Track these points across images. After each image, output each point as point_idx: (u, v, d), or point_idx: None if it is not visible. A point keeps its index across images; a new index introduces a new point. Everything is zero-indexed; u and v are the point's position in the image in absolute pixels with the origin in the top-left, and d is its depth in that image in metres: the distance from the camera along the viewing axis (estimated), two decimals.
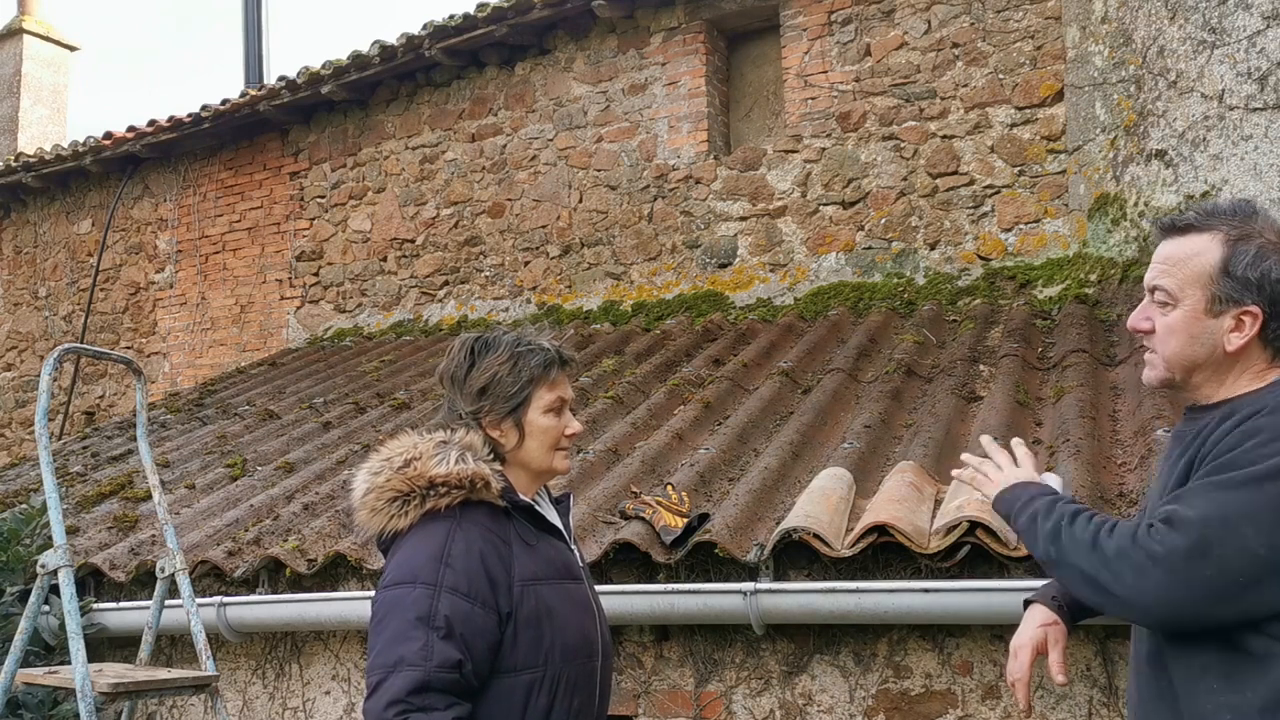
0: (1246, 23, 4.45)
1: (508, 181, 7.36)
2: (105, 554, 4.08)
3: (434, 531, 1.81)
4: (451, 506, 1.82)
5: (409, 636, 1.70)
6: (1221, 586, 1.47)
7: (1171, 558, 1.48)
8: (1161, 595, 1.49)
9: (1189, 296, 1.64)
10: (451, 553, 1.78)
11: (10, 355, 9.76)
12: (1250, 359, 1.63)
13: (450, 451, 1.85)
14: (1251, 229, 1.63)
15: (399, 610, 1.74)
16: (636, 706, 3.26)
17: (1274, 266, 1.59)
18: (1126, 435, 3.50)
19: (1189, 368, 1.66)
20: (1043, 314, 5.19)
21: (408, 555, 1.80)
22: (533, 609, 1.82)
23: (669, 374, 5.19)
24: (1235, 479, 1.49)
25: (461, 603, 1.74)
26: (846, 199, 6.23)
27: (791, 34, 6.50)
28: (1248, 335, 1.60)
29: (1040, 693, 2.78)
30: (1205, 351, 1.63)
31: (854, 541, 2.90)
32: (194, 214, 8.78)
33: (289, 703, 3.83)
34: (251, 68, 9.56)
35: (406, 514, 1.83)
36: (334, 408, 5.77)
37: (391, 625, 1.73)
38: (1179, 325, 1.65)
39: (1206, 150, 4.59)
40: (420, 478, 1.83)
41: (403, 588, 1.76)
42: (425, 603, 1.73)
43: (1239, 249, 1.61)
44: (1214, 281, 1.61)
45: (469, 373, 1.93)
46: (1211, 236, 1.64)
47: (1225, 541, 1.46)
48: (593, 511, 3.45)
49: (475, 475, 1.84)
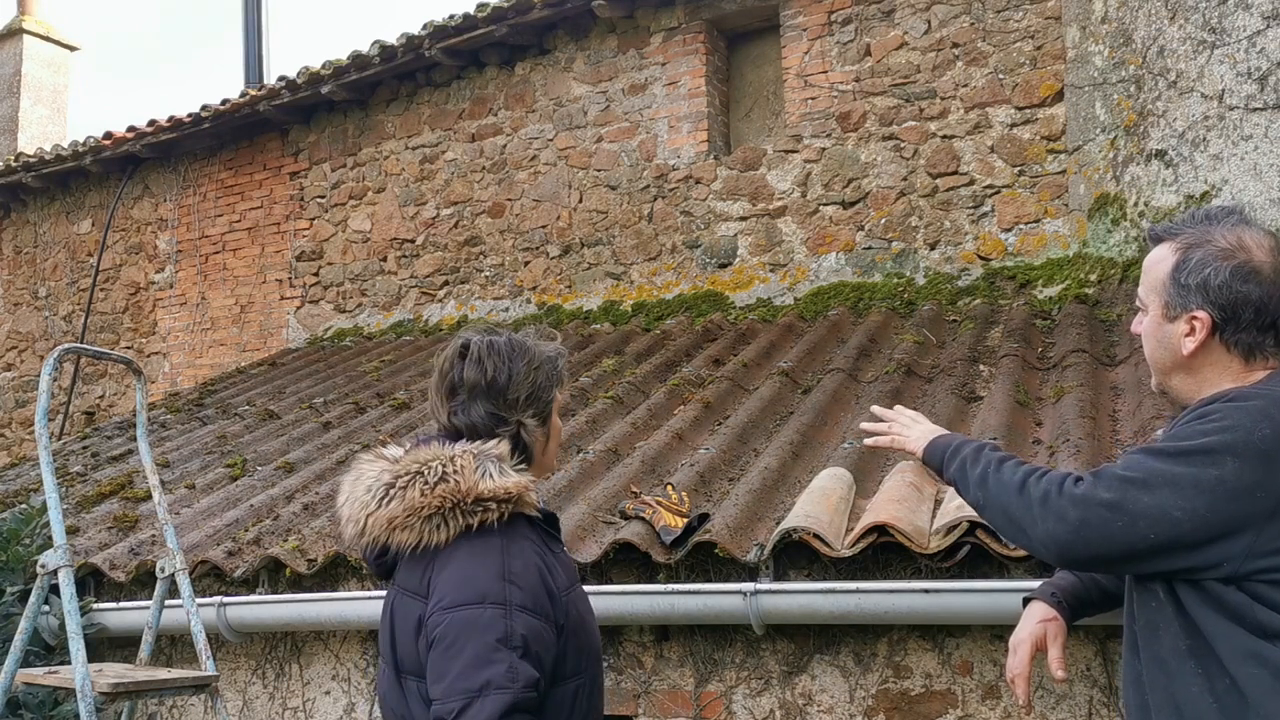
0: (1246, 23, 4.45)
1: (508, 181, 7.36)
2: (105, 554, 4.08)
3: (487, 548, 1.77)
4: (500, 520, 1.79)
5: (491, 660, 1.67)
6: (1130, 540, 1.56)
7: (1087, 504, 1.59)
8: (1073, 539, 1.60)
9: (1152, 304, 1.74)
10: (513, 569, 1.75)
11: (10, 355, 9.76)
12: (1217, 363, 1.69)
13: (488, 464, 1.81)
14: (1205, 237, 1.69)
15: (474, 632, 1.69)
16: (636, 706, 3.26)
17: (1214, 273, 1.66)
18: (1126, 435, 3.50)
19: (1162, 371, 1.76)
20: (1043, 314, 5.19)
21: (466, 575, 1.75)
22: (573, 618, 1.84)
23: (669, 374, 5.19)
24: (1168, 449, 1.59)
25: (533, 620, 1.73)
26: (846, 199, 6.23)
27: (791, 34, 6.50)
28: (1199, 339, 1.68)
29: (1040, 692, 2.78)
30: (1169, 356, 1.73)
31: (854, 541, 2.90)
32: (194, 214, 8.78)
33: (289, 703, 3.83)
34: (251, 68, 9.56)
35: (445, 531, 1.78)
36: (334, 408, 5.77)
37: (469, 649, 1.68)
38: (1148, 331, 1.76)
39: (1206, 150, 4.59)
40: (466, 493, 1.77)
41: (473, 609, 1.71)
42: (501, 624, 1.69)
43: (1187, 256, 1.69)
44: (1166, 289, 1.71)
45: (510, 379, 1.89)
46: (1170, 245, 1.73)
47: (1140, 500, 1.56)
48: (593, 511, 3.45)
49: (521, 488, 1.81)
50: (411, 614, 1.80)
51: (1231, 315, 1.65)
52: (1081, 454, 3.21)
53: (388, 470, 1.85)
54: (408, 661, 1.81)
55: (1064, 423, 3.54)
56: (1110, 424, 3.66)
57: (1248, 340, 1.66)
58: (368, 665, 3.70)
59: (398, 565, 1.88)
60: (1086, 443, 3.32)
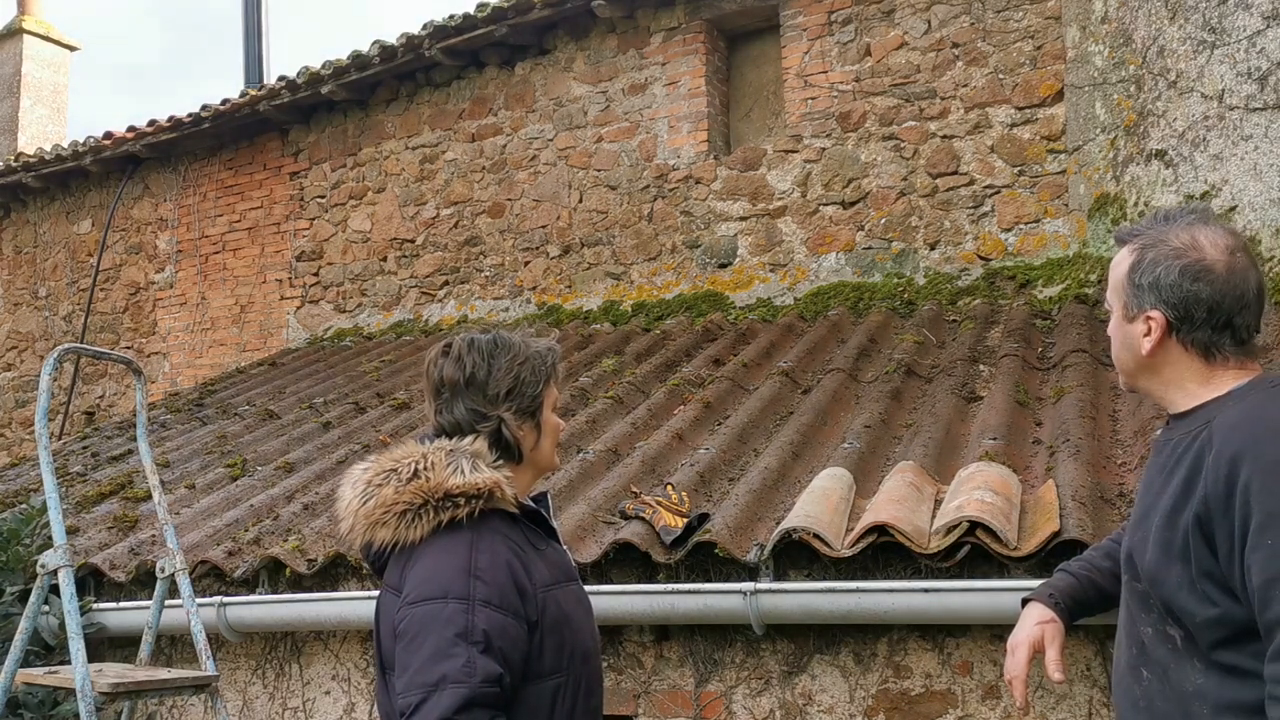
0: (1246, 23, 4.45)
1: (508, 181, 7.36)
2: (105, 554, 4.08)
3: (455, 543, 1.77)
4: (471, 516, 1.79)
5: (450, 654, 1.66)
6: None
7: None
8: None
9: (1115, 305, 1.77)
10: (479, 565, 1.74)
11: (10, 355, 9.76)
12: (1177, 363, 1.70)
13: (462, 460, 1.81)
14: (1160, 237, 1.71)
15: (434, 627, 1.69)
16: (636, 706, 3.26)
17: (1165, 272, 1.67)
18: (1126, 435, 3.50)
19: (1127, 372, 1.79)
20: (1043, 314, 5.19)
21: (431, 570, 1.75)
22: (553, 615, 1.81)
23: (669, 374, 5.19)
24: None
25: (496, 615, 1.71)
26: (846, 199, 6.23)
27: (791, 34, 6.50)
28: (1154, 339, 1.69)
29: (1040, 693, 2.78)
30: (1131, 356, 1.75)
31: (854, 541, 2.90)
32: (194, 214, 8.78)
33: (289, 703, 3.83)
34: (251, 68, 9.56)
35: (418, 527, 1.78)
36: (334, 408, 5.77)
37: (429, 643, 1.68)
38: (1112, 332, 1.79)
39: (1206, 150, 4.59)
40: (435, 489, 1.78)
41: (434, 603, 1.71)
42: (462, 618, 1.69)
43: (1141, 257, 1.71)
44: (1125, 289, 1.73)
45: (490, 375, 1.89)
46: (1130, 247, 1.75)
47: None
48: (593, 511, 3.45)
49: (492, 483, 1.81)
50: (391, 611, 1.80)
51: (1185, 314, 1.66)
52: (1081, 454, 3.21)
53: (370, 468, 1.87)
54: (388, 657, 1.81)
55: (1064, 423, 3.54)
56: (1110, 424, 3.66)
57: (1204, 339, 1.66)
58: (368, 665, 3.70)
59: (389, 563, 1.89)
60: (1086, 443, 3.32)
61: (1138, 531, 1.69)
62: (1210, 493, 1.54)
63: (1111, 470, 3.24)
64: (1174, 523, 1.59)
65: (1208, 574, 1.55)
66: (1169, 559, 1.59)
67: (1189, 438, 1.63)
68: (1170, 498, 1.61)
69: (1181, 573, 1.58)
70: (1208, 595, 1.55)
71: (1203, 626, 1.56)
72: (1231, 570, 1.52)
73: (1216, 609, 1.54)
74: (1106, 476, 3.17)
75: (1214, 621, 1.55)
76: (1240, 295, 1.65)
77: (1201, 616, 1.56)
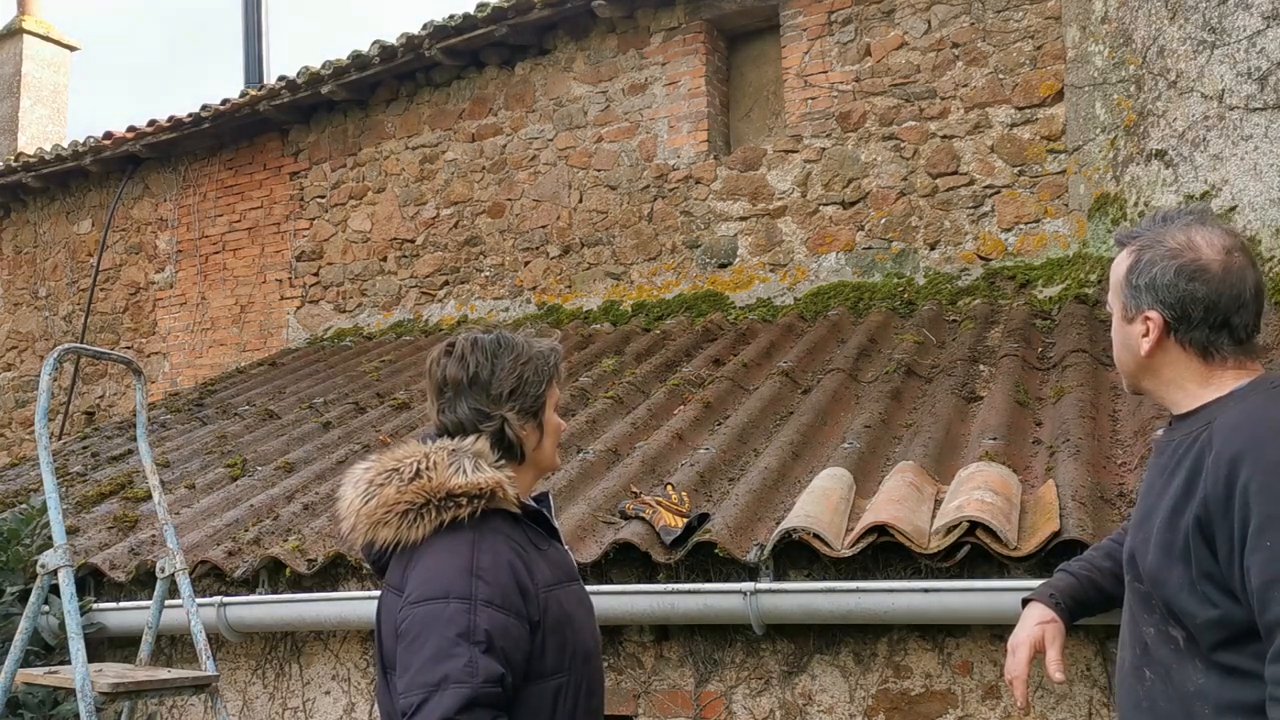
0: (1246, 23, 4.45)
1: (508, 181, 7.36)
2: (105, 554, 4.08)
3: (457, 543, 1.76)
4: (473, 516, 1.78)
5: (451, 654, 1.66)
6: None
7: None
8: None
9: (1115, 306, 1.77)
10: (481, 564, 1.74)
11: (10, 355, 9.76)
12: (1175, 363, 1.70)
13: (464, 460, 1.81)
14: (1157, 238, 1.71)
15: (436, 627, 1.69)
16: (636, 706, 3.26)
17: (1161, 272, 1.67)
18: (1126, 435, 3.50)
19: (1128, 374, 1.79)
20: (1043, 314, 5.19)
21: (434, 569, 1.75)
22: (555, 615, 1.81)
23: (669, 374, 5.19)
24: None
25: (498, 615, 1.71)
26: (846, 199, 6.23)
27: (791, 34, 6.50)
28: (1153, 339, 1.69)
29: (1040, 693, 2.78)
30: (1131, 357, 1.75)
31: (854, 541, 2.90)
32: (194, 214, 8.78)
33: (289, 703, 3.83)
34: (251, 68, 9.56)
35: (420, 526, 1.78)
36: (334, 408, 5.77)
37: (431, 643, 1.68)
38: (1114, 333, 1.79)
39: (1206, 150, 4.59)
40: (437, 489, 1.78)
41: (436, 603, 1.71)
42: (464, 618, 1.68)
43: (1139, 258, 1.72)
44: (1123, 291, 1.74)
45: (493, 375, 1.89)
46: (1128, 249, 1.75)
47: None
48: (593, 511, 3.45)
49: (495, 483, 1.80)
50: (393, 611, 1.80)
51: (1182, 314, 1.66)
52: (1081, 454, 3.21)
53: (372, 468, 1.87)
54: (390, 657, 1.81)
55: (1064, 423, 3.54)
56: (1110, 424, 3.66)
57: (1201, 339, 1.66)
58: (368, 665, 3.70)
59: (390, 563, 1.89)
60: (1086, 443, 3.32)
61: (1139, 533, 1.69)
62: (1210, 494, 1.54)
63: (1111, 470, 3.24)
64: (1175, 524, 1.59)
65: (1208, 575, 1.55)
66: (1170, 560, 1.59)
67: (1190, 439, 1.63)
68: (1171, 499, 1.61)
69: (1182, 574, 1.58)
70: (1208, 596, 1.55)
71: (1203, 628, 1.56)
72: (1231, 572, 1.52)
73: (1217, 610, 1.54)
74: (1106, 476, 3.17)
75: (1214, 623, 1.55)
76: (1237, 294, 1.65)
77: (1202, 618, 1.55)
